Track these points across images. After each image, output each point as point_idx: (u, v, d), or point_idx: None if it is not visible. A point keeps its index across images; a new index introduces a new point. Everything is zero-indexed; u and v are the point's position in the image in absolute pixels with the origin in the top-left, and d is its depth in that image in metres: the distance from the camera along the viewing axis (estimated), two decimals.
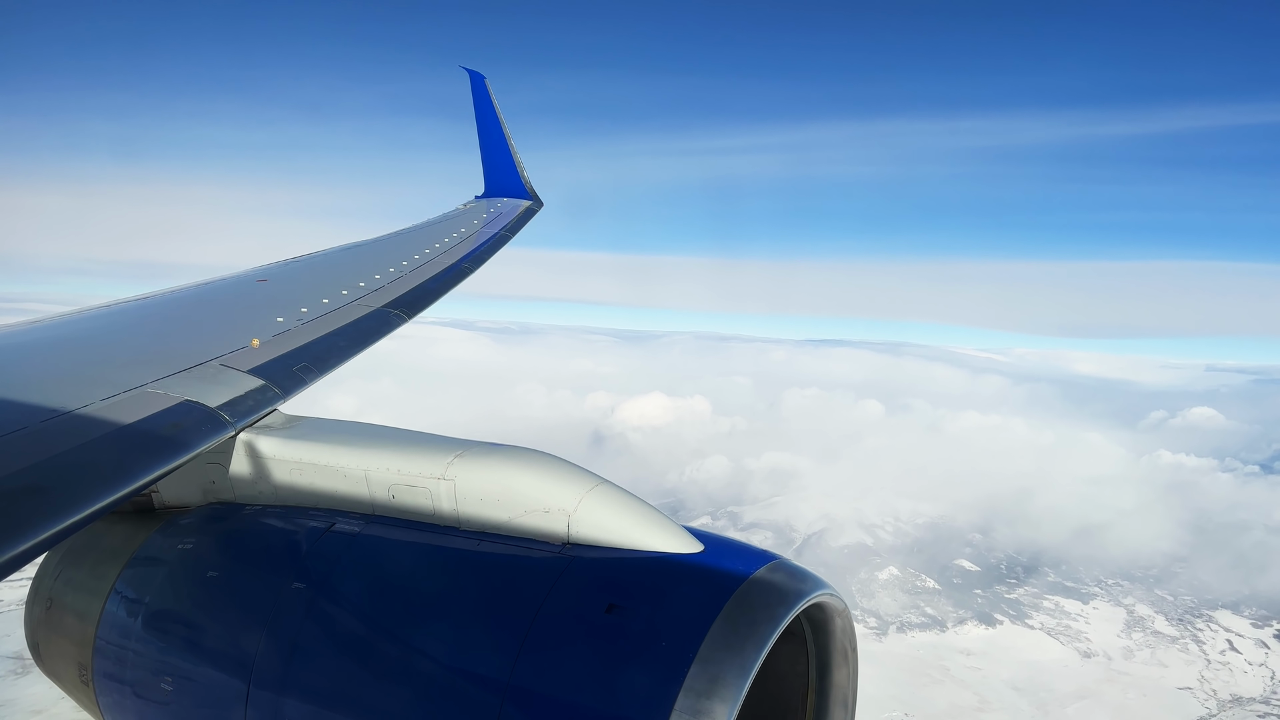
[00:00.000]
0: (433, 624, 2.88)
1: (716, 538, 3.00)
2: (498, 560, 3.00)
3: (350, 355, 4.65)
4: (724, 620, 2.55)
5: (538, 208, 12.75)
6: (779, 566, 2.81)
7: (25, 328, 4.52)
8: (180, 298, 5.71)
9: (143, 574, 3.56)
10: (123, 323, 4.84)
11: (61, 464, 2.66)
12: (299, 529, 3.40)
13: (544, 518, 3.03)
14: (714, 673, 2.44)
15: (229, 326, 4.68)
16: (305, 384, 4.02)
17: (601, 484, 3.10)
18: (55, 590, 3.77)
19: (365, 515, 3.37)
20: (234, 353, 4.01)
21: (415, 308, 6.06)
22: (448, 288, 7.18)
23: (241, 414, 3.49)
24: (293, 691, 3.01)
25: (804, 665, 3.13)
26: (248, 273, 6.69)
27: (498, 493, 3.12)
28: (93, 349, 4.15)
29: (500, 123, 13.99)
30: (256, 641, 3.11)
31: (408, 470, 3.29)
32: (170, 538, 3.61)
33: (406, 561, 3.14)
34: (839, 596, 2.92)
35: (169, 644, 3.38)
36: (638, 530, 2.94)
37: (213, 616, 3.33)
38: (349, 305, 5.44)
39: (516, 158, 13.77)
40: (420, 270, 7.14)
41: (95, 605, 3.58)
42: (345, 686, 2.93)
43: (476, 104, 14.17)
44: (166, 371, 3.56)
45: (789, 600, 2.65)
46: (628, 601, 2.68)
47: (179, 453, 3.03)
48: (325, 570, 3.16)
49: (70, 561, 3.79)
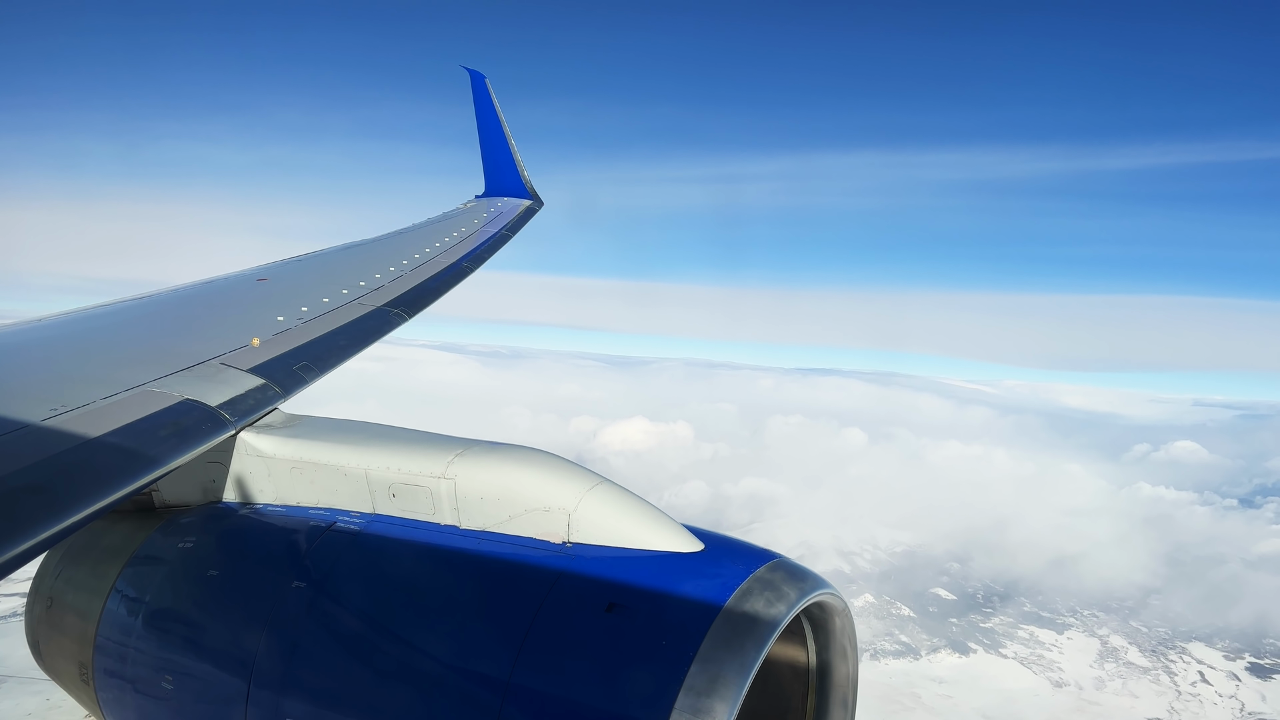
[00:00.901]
0: (433, 623, 2.89)
1: (717, 536, 3.03)
2: (498, 559, 3.01)
3: (350, 354, 4.65)
4: (724, 619, 2.57)
5: (538, 207, 12.68)
6: (779, 565, 2.82)
7: (26, 326, 4.52)
8: (180, 296, 5.70)
9: (143, 573, 3.56)
10: (123, 321, 4.84)
11: (62, 463, 2.66)
12: (299, 528, 3.41)
13: (544, 517, 3.04)
14: (714, 671, 2.45)
15: (229, 325, 4.68)
16: (305, 383, 4.02)
17: (602, 483, 3.11)
18: (56, 589, 3.77)
19: (366, 514, 3.38)
20: (234, 351, 4.01)
21: (415, 307, 6.05)
22: (448, 287, 7.16)
23: (242, 413, 3.50)
24: (293, 691, 3.02)
25: (804, 664, 3.14)
26: (248, 271, 6.68)
27: (498, 492, 3.13)
28: (93, 348, 4.15)
29: (501, 122, 13.90)
30: (257, 640, 3.11)
31: (408, 469, 3.30)
32: (171, 537, 3.61)
33: (407, 561, 3.14)
34: (839, 595, 2.93)
35: (169, 643, 3.38)
36: (638, 529, 2.96)
37: (213, 615, 3.34)
38: (349, 304, 5.44)
39: (517, 157, 13.70)
40: (420, 269, 7.12)
41: (96, 604, 3.58)
42: (346, 686, 2.94)
43: (477, 103, 14.08)
44: (167, 370, 3.57)
45: (789, 599, 2.67)
46: (628, 600, 2.69)
47: (179, 452, 3.04)
48: (326, 569, 3.17)
49: (71, 560, 3.79)
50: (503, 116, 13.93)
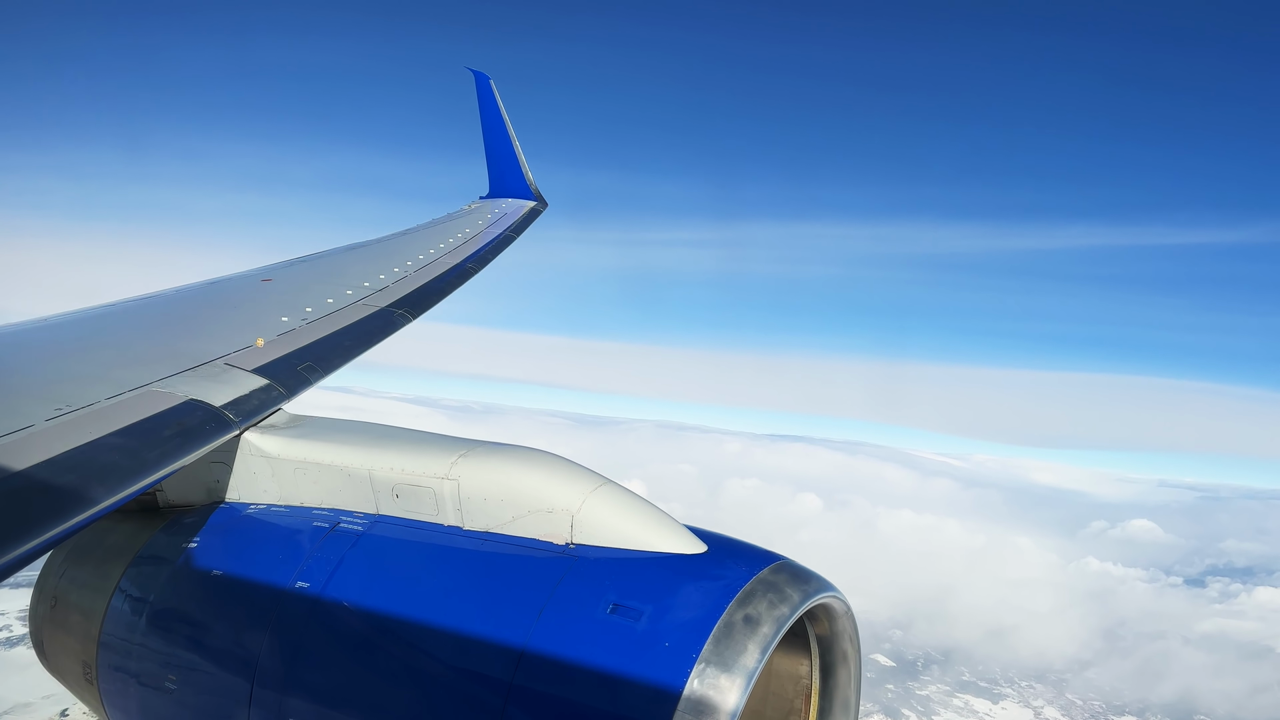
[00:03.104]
0: (437, 624, 2.89)
1: (721, 538, 3.02)
2: (502, 560, 3.01)
3: (354, 355, 4.66)
4: (727, 621, 2.57)
5: (542, 208, 12.66)
6: (783, 567, 2.82)
7: (30, 326, 4.53)
8: (185, 296, 5.70)
9: (147, 572, 3.57)
10: (127, 321, 4.85)
11: (66, 463, 2.67)
12: (303, 528, 3.41)
13: (548, 518, 3.04)
14: (717, 673, 2.45)
15: (233, 325, 4.69)
16: (309, 383, 4.03)
17: (605, 484, 3.11)
18: (60, 588, 3.78)
19: (369, 515, 3.38)
20: (238, 352, 4.02)
21: (419, 308, 6.05)
22: (452, 288, 7.17)
23: (246, 413, 3.51)
24: (296, 691, 3.03)
25: (807, 666, 3.15)
26: (253, 272, 6.67)
27: (502, 493, 3.14)
28: (97, 348, 4.15)
29: (505, 124, 13.86)
30: (260, 640, 3.12)
31: (411, 470, 3.31)
32: (174, 536, 3.62)
33: (410, 561, 3.15)
34: (843, 599, 2.93)
35: (173, 642, 3.39)
36: (642, 530, 2.96)
37: (217, 615, 3.35)
38: (353, 305, 5.44)
39: (521, 159, 13.65)
40: (425, 270, 7.12)
41: (100, 603, 3.59)
42: (349, 686, 2.94)
43: (481, 105, 14.03)
44: (171, 370, 3.58)
45: (793, 601, 2.67)
46: (631, 601, 2.69)
47: (183, 452, 3.05)
48: (329, 570, 3.17)
49: (75, 560, 3.80)
50: (507, 118, 13.89)
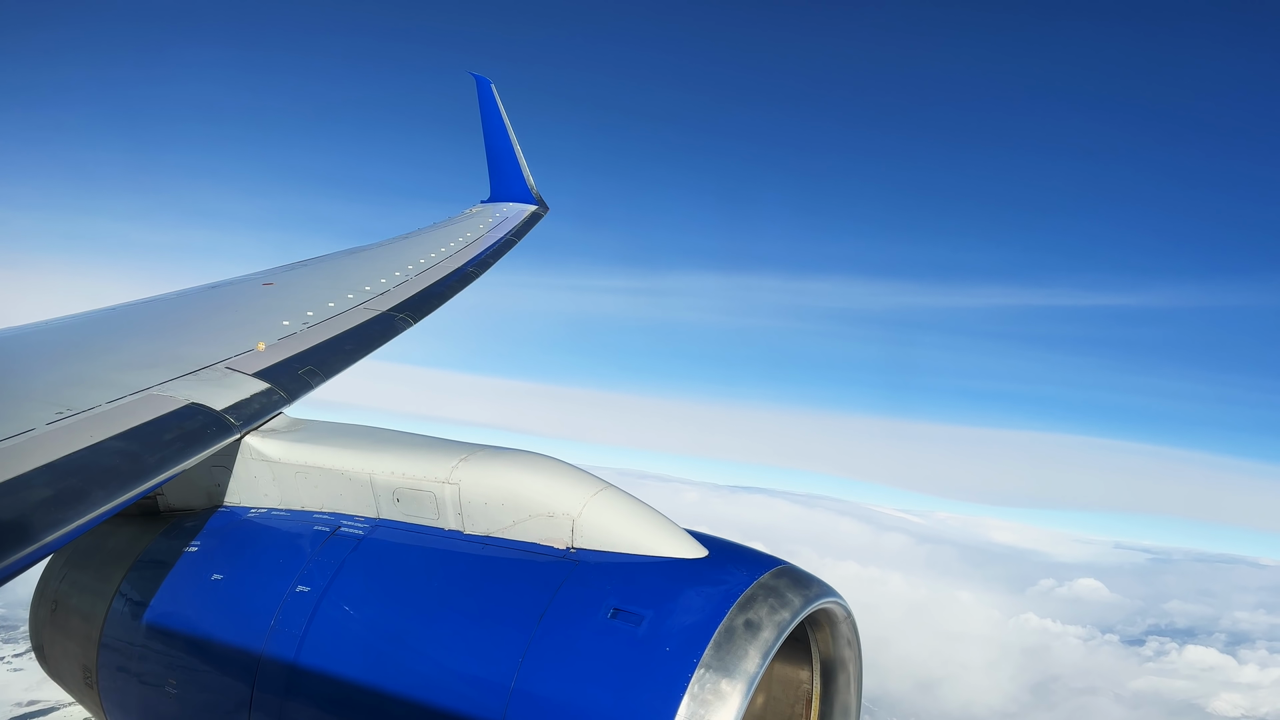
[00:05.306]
0: (437, 628, 2.89)
1: (722, 542, 3.02)
2: (502, 564, 3.01)
3: (355, 359, 4.67)
4: (728, 626, 2.56)
5: (543, 212, 12.67)
6: (784, 572, 2.81)
7: (30, 329, 4.53)
8: (186, 300, 5.71)
9: (148, 577, 3.57)
10: (128, 325, 4.86)
11: (67, 466, 2.67)
12: (304, 532, 3.41)
13: (549, 522, 3.04)
14: (718, 678, 2.45)
15: (234, 329, 4.69)
16: (310, 387, 4.03)
17: (606, 488, 3.11)
18: (61, 592, 3.78)
19: (370, 519, 3.38)
20: (239, 356, 4.03)
21: (420, 312, 6.06)
22: (453, 292, 7.17)
23: (247, 417, 3.51)
24: (297, 696, 3.02)
25: (808, 671, 3.14)
26: (254, 276, 6.68)
27: (502, 497, 3.13)
28: (98, 351, 4.16)
29: (506, 128, 13.84)
30: (261, 645, 3.12)
31: (412, 474, 3.30)
32: (175, 540, 3.62)
33: (411, 565, 3.15)
34: (844, 604, 2.92)
35: (173, 646, 3.39)
36: (643, 535, 2.95)
37: (217, 619, 3.34)
38: (354, 309, 5.45)
39: (522, 163, 13.64)
40: (426, 274, 7.14)
41: (100, 607, 3.59)
42: (350, 691, 2.94)
43: (483, 109, 14.02)
44: (172, 374, 3.58)
45: (794, 606, 2.66)
46: (633, 606, 2.69)
47: (184, 456, 3.05)
48: (330, 574, 3.17)
49: (76, 564, 3.81)
50: (508, 122, 13.87)
